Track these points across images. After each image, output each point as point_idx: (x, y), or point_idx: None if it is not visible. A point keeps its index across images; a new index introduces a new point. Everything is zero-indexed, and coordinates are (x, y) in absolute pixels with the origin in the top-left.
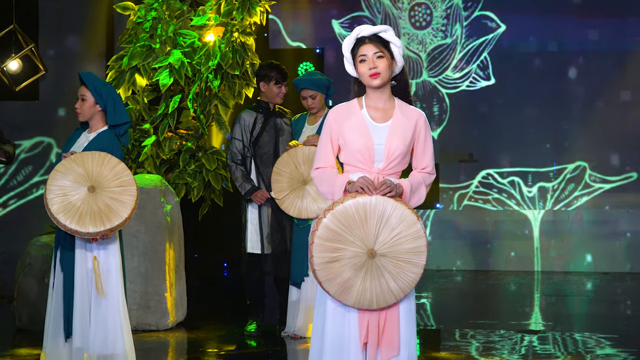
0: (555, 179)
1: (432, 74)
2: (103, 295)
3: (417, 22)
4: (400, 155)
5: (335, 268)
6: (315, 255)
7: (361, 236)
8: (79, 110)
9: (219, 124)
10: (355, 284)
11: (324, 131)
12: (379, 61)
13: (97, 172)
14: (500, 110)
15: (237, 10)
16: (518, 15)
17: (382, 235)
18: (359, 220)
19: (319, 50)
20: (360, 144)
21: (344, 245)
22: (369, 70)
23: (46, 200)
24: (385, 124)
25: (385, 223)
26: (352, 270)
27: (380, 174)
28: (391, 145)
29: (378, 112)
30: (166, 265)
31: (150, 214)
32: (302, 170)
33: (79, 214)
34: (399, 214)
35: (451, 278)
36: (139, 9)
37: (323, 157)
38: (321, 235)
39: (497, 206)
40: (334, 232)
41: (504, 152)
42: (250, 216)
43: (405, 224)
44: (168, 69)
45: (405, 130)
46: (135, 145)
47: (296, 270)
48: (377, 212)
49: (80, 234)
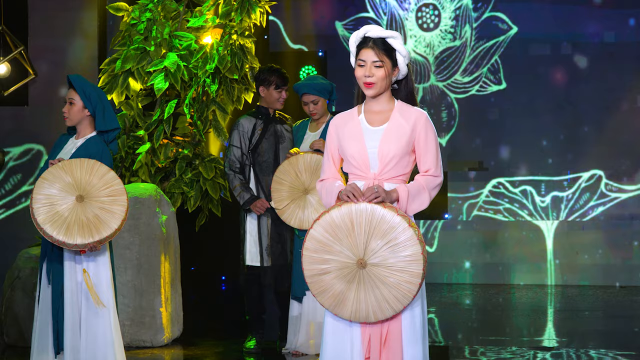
0: (569, 188)
1: (440, 78)
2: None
3: (425, 24)
4: (396, 159)
5: (325, 280)
6: (306, 267)
7: (349, 246)
8: (67, 114)
9: (217, 131)
10: (349, 296)
11: (326, 143)
12: (376, 70)
13: (86, 180)
14: (512, 115)
15: (236, 11)
16: (530, 17)
17: (372, 244)
18: (346, 229)
19: (321, 54)
20: (353, 149)
21: (332, 256)
22: (365, 77)
23: (32, 210)
24: (381, 127)
25: (374, 231)
26: (343, 282)
27: (376, 179)
28: (384, 149)
29: (375, 116)
30: (161, 278)
31: (145, 224)
32: (304, 178)
33: (67, 224)
34: (388, 220)
35: (460, 292)
36: (133, 9)
37: (325, 168)
38: (309, 246)
39: (508, 217)
40: (321, 242)
41: (515, 160)
42: (249, 227)
43: (397, 230)
44: (163, 72)
45: (402, 132)
46: (129, 152)
47: (297, 284)
48: (364, 219)
49: (67, 246)
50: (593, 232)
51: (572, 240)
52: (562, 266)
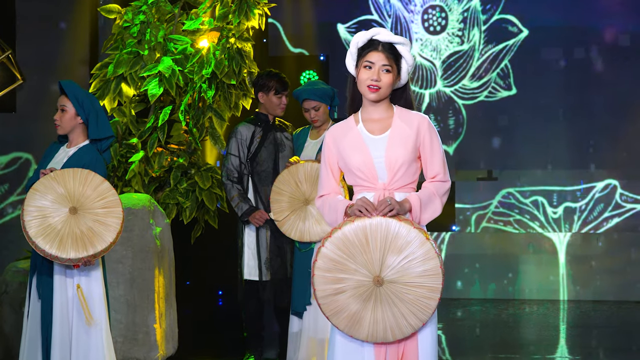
0: (582, 199)
1: (448, 84)
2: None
3: (431, 27)
4: (405, 166)
5: (340, 300)
6: (318, 288)
7: (365, 263)
8: (58, 122)
9: (214, 139)
10: (365, 316)
11: (322, 155)
12: (384, 75)
13: (80, 191)
14: (522, 123)
15: (234, 13)
16: (541, 19)
17: (389, 260)
18: (360, 246)
19: (323, 58)
20: (357, 161)
21: (347, 274)
22: (370, 80)
23: (23, 222)
24: (384, 135)
25: (390, 246)
26: (359, 302)
27: (386, 189)
28: (391, 156)
29: (375, 124)
30: (155, 293)
31: (138, 237)
32: (304, 189)
33: (60, 237)
34: (404, 235)
35: (468, 307)
36: (126, 12)
37: (324, 184)
38: (321, 266)
39: (519, 228)
40: (335, 261)
41: (526, 169)
42: (247, 239)
43: (414, 244)
44: (157, 77)
45: (407, 137)
46: (121, 161)
47: (297, 299)
48: (379, 234)
49: (60, 260)
50: (608, 244)
51: (586, 253)
52: (575, 280)
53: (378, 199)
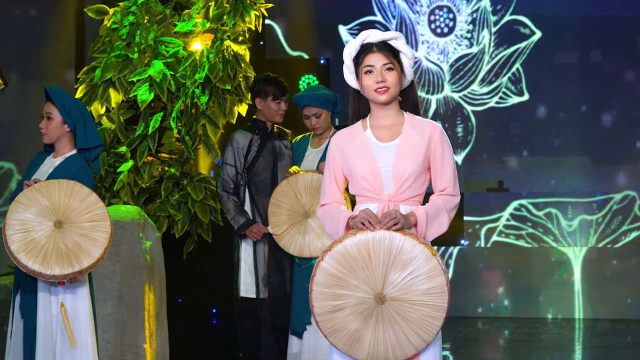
0: (599, 211)
1: (456, 89)
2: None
3: (438, 28)
4: (413, 177)
5: (339, 318)
6: (316, 304)
7: (366, 279)
8: (44, 130)
9: (207, 147)
10: (366, 335)
11: (326, 163)
12: (388, 74)
13: (65, 204)
14: (535, 130)
15: (229, 14)
16: (555, 20)
17: (392, 276)
18: (362, 261)
19: (323, 61)
20: (363, 169)
21: (347, 290)
22: (376, 84)
23: (5, 236)
24: (392, 142)
25: (393, 261)
26: (359, 320)
27: (391, 201)
28: (399, 166)
29: (384, 131)
30: (145, 311)
31: (127, 251)
32: (304, 201)
33: (44, 253)
34: (408, 250)
35: (477, 326)
36: (114, 12)
37: (326, 192)
38: (320, 281)
39: (531, 243)
40: (335, 276)
41: (539, 179)
42: (243, 254)
43: (419, 260)
44: (148, 82)
45: (417, 147)
46: (109, 171)
47: (297, 318)
48: (382, 249)
49: (44, 277)
50: (626, 260)
51: (603, 268)
52: (592, 298)
53: (382, 211)
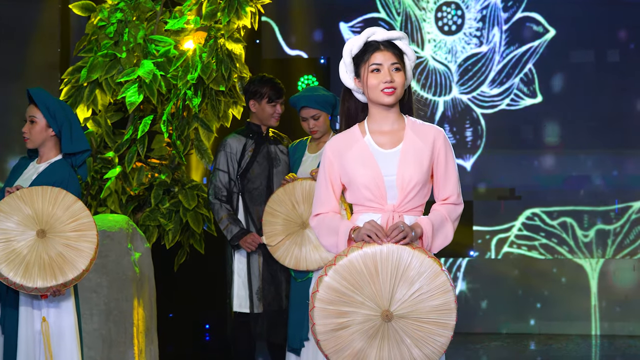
0: (617, 221)
1: (464, 90)
2: None
3: (446, 26)
4: (418, 186)
5: (343, 337)
6: (318, 322)
7: (373, 295)
8: (27, 135)
9: (200, 152)
10: (370, 354)
11: (321, 169)
12: (396, 75)
13: (49, 212)
14: (549, 134)
15: (223, 11)
16: (570, 17)
17: (399, 293)
18: (369, 276)
19: (323, 61)
20: (366, 178)
21: (353, 307)
22: (384, 83)
23: None
24: (395, 149)
25: (401, 277)
26: (364, 338)
27: (396, 212)
28: (404, 174)
29: (385, 137)
30: (134, 327)
31: (115, 263)
32: (301, 210)
33: (26, 264)
34: (417, 265)
35: (487, 343)
36: (101, 9)
37: (322, 201)
38: (323, 297)
39: (545, 254)
40: (339, 292)
41: (553, 186)
42: (237, 266)
43: (427, 276)
44: (137, 83)
45: (421, 153)
46: (96, 178)
47: (294, 334)
48: (390, 264)
49: (26, 290)
50: None
51: (621, 281)
52: (609, 313)
53: (387, 223)
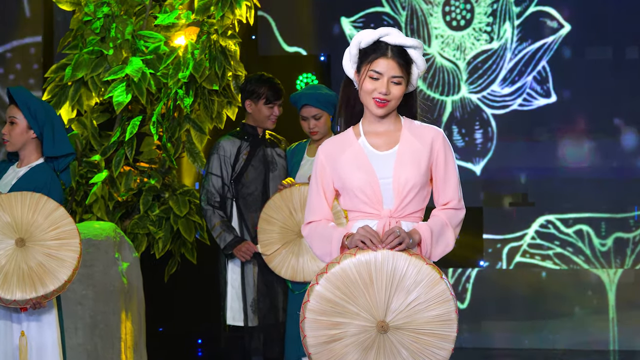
0: (636, 229)
1: (474, 89)
2: None
3: (454, 21)
4: (415, 189)
5: (336, 349)
6: (309, 334)
7: (367, 305)
8: (7, 137)
9: (192, 155)
10: None
11: (313, 175)
12: (395, 88)
13: (29, 219)
14: (564, 137)
15: (216, 5)
16: (586, 12)
17: (395, 302)
18: (363, 285)
19: (323, 58)
20: (360, 181)
21: (346, 318)
22: (379, 94)
23: None
24: (391, 150)
25: (397, 286)
26: (359, 351)
27: (392, 217)
28: (400, 177)
29: (381, 138)
30: (121, 341)
31: (101, 274)
32: (299, 217)
33: (4, 275)
34: (414, 272)
35: (497, 359)
36: (87, 3)
37: (314, 208)
38: (314, 307)
39: (559, 264)
40: (331, 302)
41: (568, 192)
42: (231, 277)
43: (425, 284)
44: (124, 82)
45: (419, 155)
46: (81, 183)
47: (291, 349)
48: (385, 272)
49: (4, 302)
50: None
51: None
52: (629, 327)
53: (383, 229)
